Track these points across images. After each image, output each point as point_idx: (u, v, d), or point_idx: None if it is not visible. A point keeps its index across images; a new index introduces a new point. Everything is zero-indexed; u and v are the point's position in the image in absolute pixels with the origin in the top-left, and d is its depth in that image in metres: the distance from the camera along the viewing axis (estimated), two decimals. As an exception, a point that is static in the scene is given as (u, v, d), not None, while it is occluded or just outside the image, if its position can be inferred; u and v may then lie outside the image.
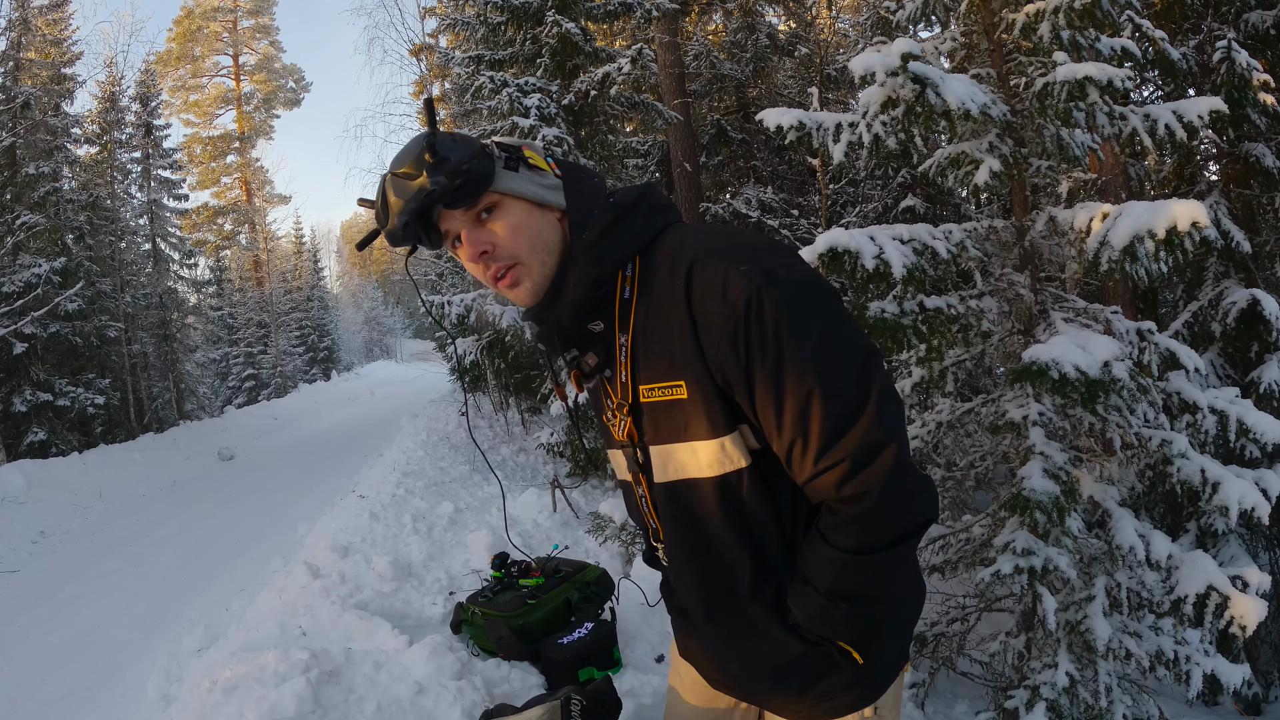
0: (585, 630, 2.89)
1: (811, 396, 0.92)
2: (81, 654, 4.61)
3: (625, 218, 1.05)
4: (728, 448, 0.99)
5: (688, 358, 0.98)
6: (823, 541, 0.99)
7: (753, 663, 1.12)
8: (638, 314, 1.03)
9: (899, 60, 2.68)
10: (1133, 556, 2.96)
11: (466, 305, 5.83)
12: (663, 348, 1.01)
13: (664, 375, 1.01)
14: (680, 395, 1.00)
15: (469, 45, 8.77)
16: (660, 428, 1.04)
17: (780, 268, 0.95)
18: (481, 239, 1.03)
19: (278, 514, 7.39)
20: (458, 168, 0.99)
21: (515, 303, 1.10)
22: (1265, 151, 5.02)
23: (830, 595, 0.99)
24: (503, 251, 1.03)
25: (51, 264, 11.26)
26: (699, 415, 0.99)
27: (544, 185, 1.07)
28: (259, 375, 21.80)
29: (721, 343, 0.94)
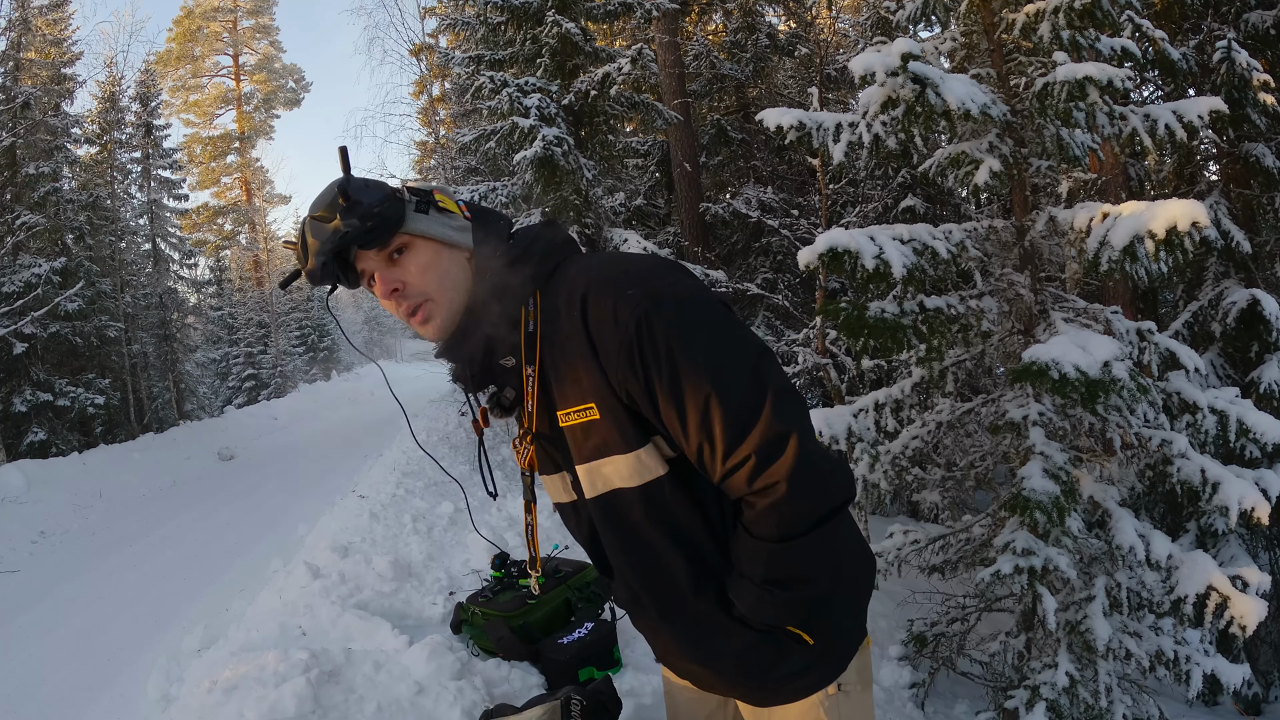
0: (585, 630, 2.89)
1: (709, 402, 0.97)
2: (81, 654, 4.61)
3: (524, 256, 1.11)
4: (643, 459, 1.05)
5: (593, 381, 1.04)
6: (747, 534, 1.04)
7: (711, 656, 1.17)
8: (543, 346, 1.09)
9: (899, 60, 2.69)
10: (1133, 556, 2.96)
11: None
12: (570, 374, 1.06)
13: (576, 400, 1.07)
14: (593, 416, 1.06)
15: (469, 45, 8.77)
16: (582, 447, 1.09)
17: (665, 288, 1.01)
18: (393, 277, 1.09)
19: (278, 514, 7.39)
20: (369, 211, 1.05)
21: (426, 338, 1.16)
22: (1265, 151, 5.02)
23: (764, 584, 1.04)
24: (413, 289, 1.09)
25: (51, 264, 11.26)
26: (612, 432, 1.05)
27: (453, 227, 1.13)
28: (259, 375, 21.79)
29: (620, 365, 1.00)
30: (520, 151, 5.58)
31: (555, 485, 1.24)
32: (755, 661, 1.14)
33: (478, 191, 6.45)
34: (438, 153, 12.94)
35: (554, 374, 1.09)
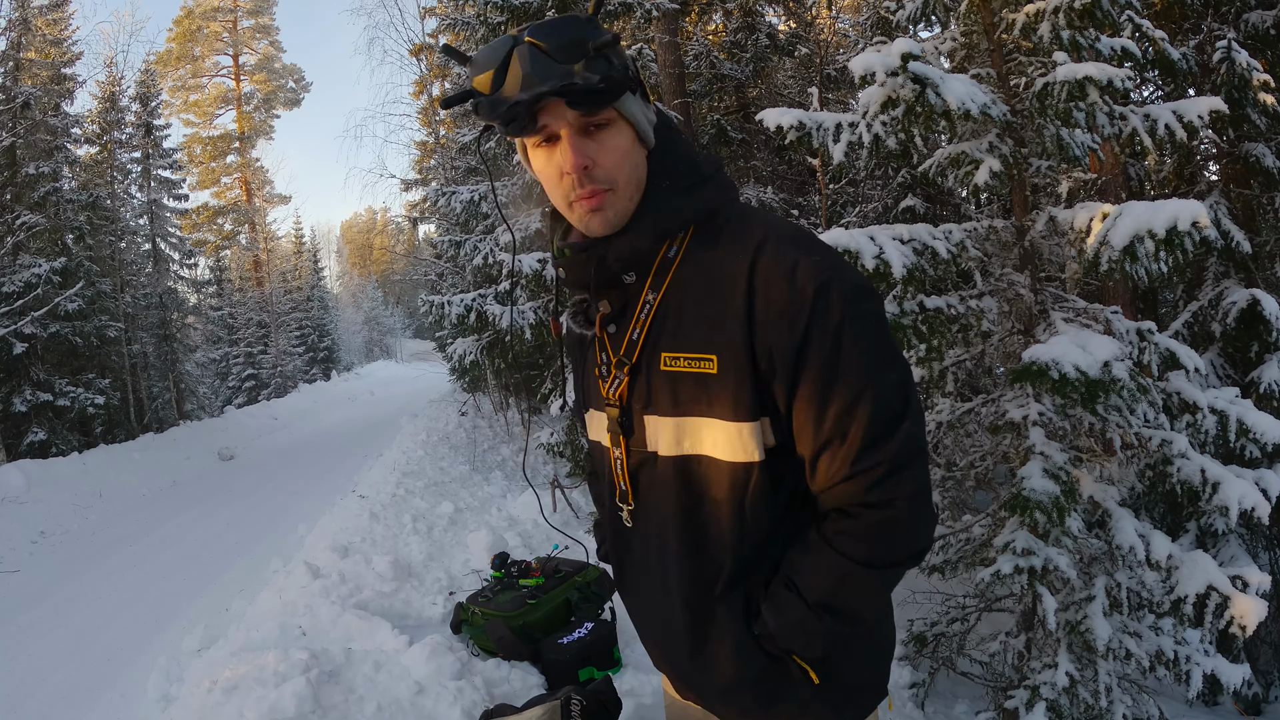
0: (585, 630, 2.89)
1: (861, 397, 0.91)
2: (81, 654, 4.61)
3: (707, 182, 1.02)
4: (744, 436, 0.95)
5: (730, 333, 0.94)
6: (828, 548, 0.96)
7: (708, 665, 1.07)
8: (677, 276, 1.00)
9: (899, 60, 2.68)
10: (1133, 556, 2.96)
11: (466, 305, 5.83)
12: (701, 317, 0.97)
13: (696, 346, 0.96)
14: (709, 369, 0.96)
15: (469, 45, 8.77)
16: (679, 398, 0.99)
17: (848, 266, 0.96)
18: (587, 151, 0.95)
19: (278, 514, 7.39)
20: (613, 72, 0.91)
21: (582, 228, 1.02)
22: (1265, 151, 5.02)
23: (817, 606, 0.96)
24: (603, 173, 0.97)
25: (51, 264, 11.26)
26: (725, 394, 0.95)
27: (649, 119, 1.02)
28: (259, 375, 21.79)
29: (779, 324, 0.91)
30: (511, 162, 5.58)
31: (597, 424, 1.12)
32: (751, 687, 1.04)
33: (478, 191, 6.45)
34: (438, 153, 12.94)
35: (677, 310, 0.99)
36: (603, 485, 1.16)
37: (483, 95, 0.94)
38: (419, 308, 7.82)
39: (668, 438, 1.01)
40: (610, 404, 1.06)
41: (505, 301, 5.95)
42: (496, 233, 6.35)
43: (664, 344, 1.00)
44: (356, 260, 46.74)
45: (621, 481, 1.08)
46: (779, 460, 0.98)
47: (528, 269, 5.43)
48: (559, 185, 0.98)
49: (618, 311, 1.04)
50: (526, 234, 6.04)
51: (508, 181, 6.56)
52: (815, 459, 0.96)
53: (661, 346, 1.00)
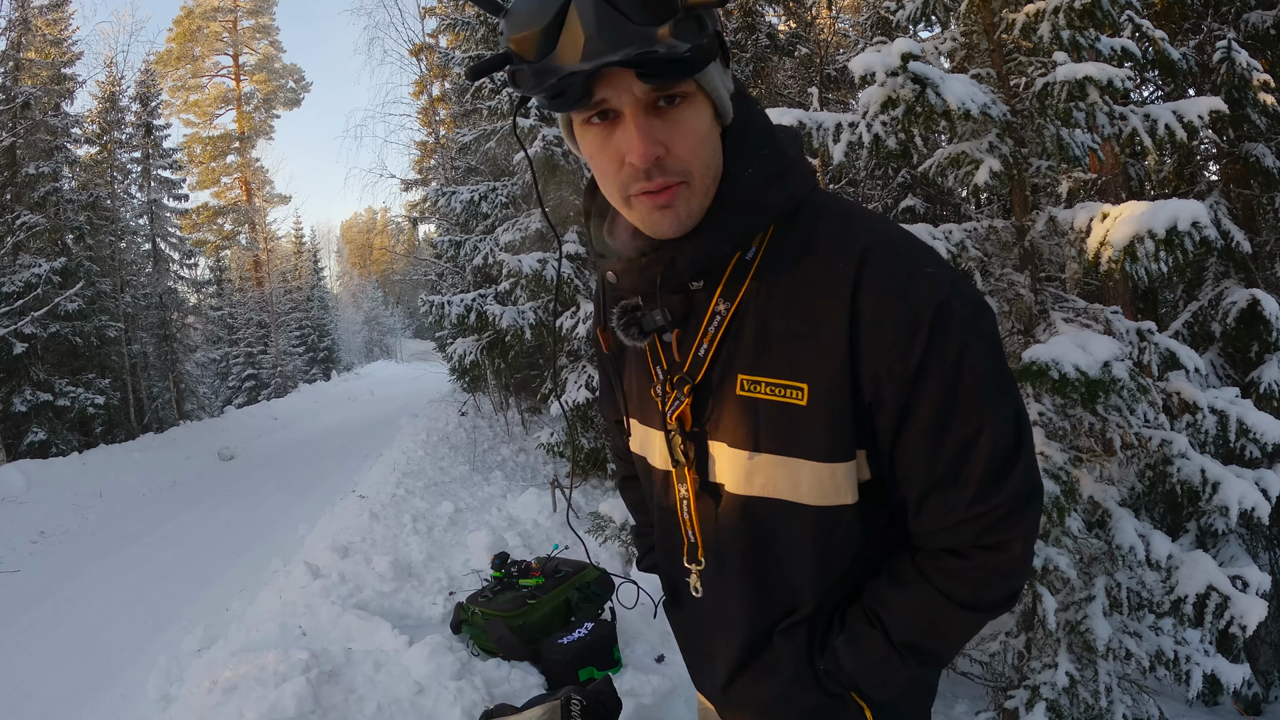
0: (585, 630, 2.89)
1: (979, 432, 0.78)
2: (81, 654, 4.61)
3: (792, 168, 0.83)
4: (838, 478, 0.82)
5: (827, 359, 0.78)
6: (927, 585, 0.84)
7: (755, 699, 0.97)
8: (755, 284, 0.82)
9: (899, 60, 2.69)
10: (1133, 556, 2.96)
11: (466, 305, 5.83)
12: (789, 336, 0.80)
13: (782, 371, 0.81)
14: (797, 400, 0.80)
15: (469, 45, 8.77)
16: (759, 430, 0.83)
17: (964, 281, 0.80)
18: (657, 135, 0.74)
19: (278, 514, 7.39)
20: (704, 38, 0.70)
21: (647, 228, 0.81)
22: (1265, 151, 5.02)
23: (903, 647, 0.86)
24: (677, 163, 0.76)
25: (51, 264, 11.26)
26: (816, 430, 0.80)
27: (728, 89, 0.81)
28: (259, 375, 21.80)
29: (892, 351, 0.76)
30: (520, 151, 5.58)
31: (650, 442, 0.96)
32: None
33: (478, 191, 6.45)
34: (438, 153, 12.94)
35: (757, 325, 0.82)
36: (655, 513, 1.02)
37: (525, 61, 0.71)
38: (419, 308, 7.81)
39: (737, 473, 0.86)
40: (671, 429, 0.89)
41: (505, 301, 5.96)
42: (497, 233, 6.35)
43: (740, 363, 0.83)
44: (356, 260, 46.74)
45: (690, 531, 0.92)
46: (870, 495, 0.85)
47: (527, 269, 5.43)
48: (615, 175, 0.77)
49: (678, 320, 0.87)
50: (527, 234, 6.04)
51: (508, 181, 6.56)
52: (923, 500, 0.83)
53: (737, 367, 0.83)
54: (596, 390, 5.64)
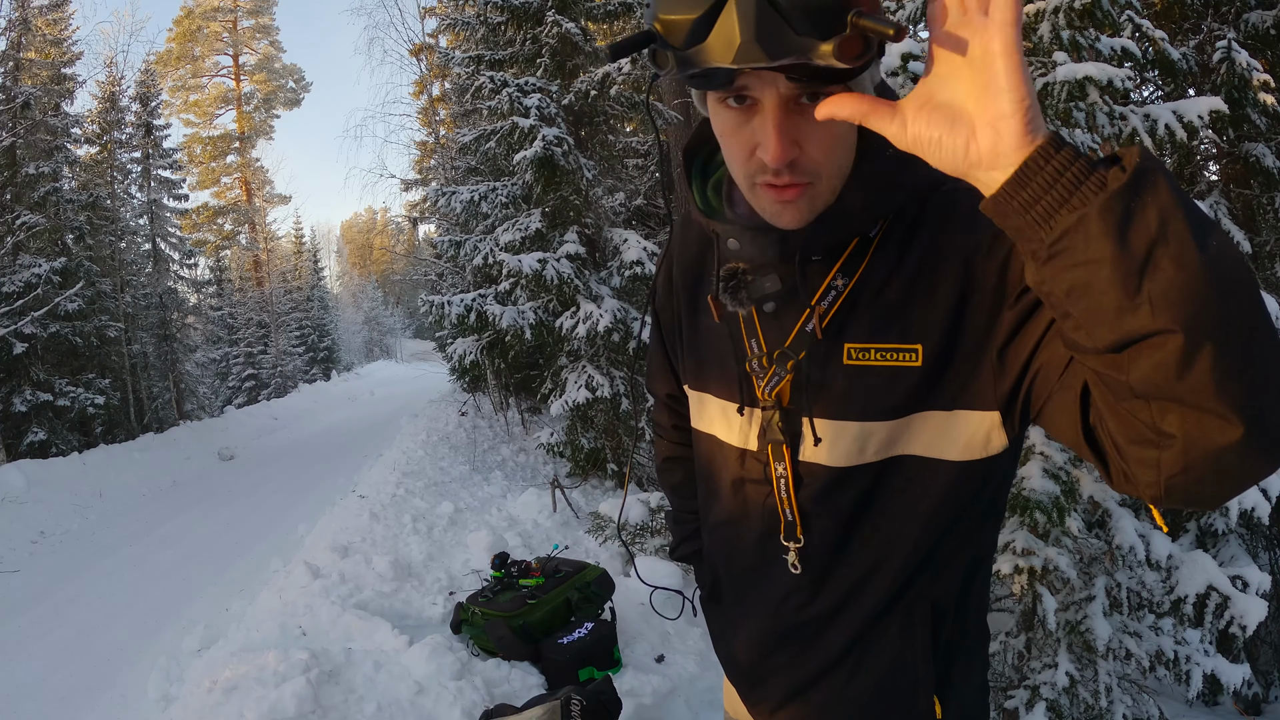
0: (585, 630, 2.89)
1: None
2: (81, 654, 4.61)
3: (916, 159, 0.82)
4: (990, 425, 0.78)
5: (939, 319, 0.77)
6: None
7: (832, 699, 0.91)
8: (876, 259, 0.81)
9: (899, 60, 2.69)
10: (1133, 556, 2.97)
11: (466, 305, 5.83)
12: (902, 304, 0.79)
13: (894, 337, 0.79)
14: (911, 362, 0.78)
15: (469, 45, 8.77)
16: (866, 397, 0.81)
17: None
18: (794, 133, 0.71)
19: (278, 514, 7.39)
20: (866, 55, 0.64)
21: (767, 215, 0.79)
22: (1265, 151, 5.02)
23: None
24: (810, 164, 0.74)
25: (51, 264, 11.26)
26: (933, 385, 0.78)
27: (874, 80, 0.78)
28: (259, 375, 21.80)
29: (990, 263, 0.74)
30: (520, 151, 5.58)
31: (727, 420, 0.93)
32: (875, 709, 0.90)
33: (478, 191, 6.45)
34: (438, 153, 12.95)
35: (872, 296, 0.81)
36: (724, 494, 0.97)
37: (671, 45, 0.67)
38: (419, 308, 7.81)
39: (847, 445, 0.83)
40: (767, 405, 0.87)
41: (505, 301, 5.95)
42: (497, 233, 6.35)
43: (849, 334, 0.81)
44: (356, 260, 46.76)
45: (788, 509, 0.88)
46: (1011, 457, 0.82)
47: (527, 269, 5.43)
48: (744, 162, 0.75)
49: (786, 291, 0.84)
50: (527, 234, 6.04)
51: (508, 181, 6.56)
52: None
53: (846, 337, 0.82)
54: (609, 384, 5.68)
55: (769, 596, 0.94)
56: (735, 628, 1.00)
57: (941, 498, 0.82)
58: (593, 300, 5.60)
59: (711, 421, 0.96)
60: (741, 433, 0.91)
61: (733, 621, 1.00)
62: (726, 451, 0.94)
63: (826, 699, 0.92)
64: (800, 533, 0.88)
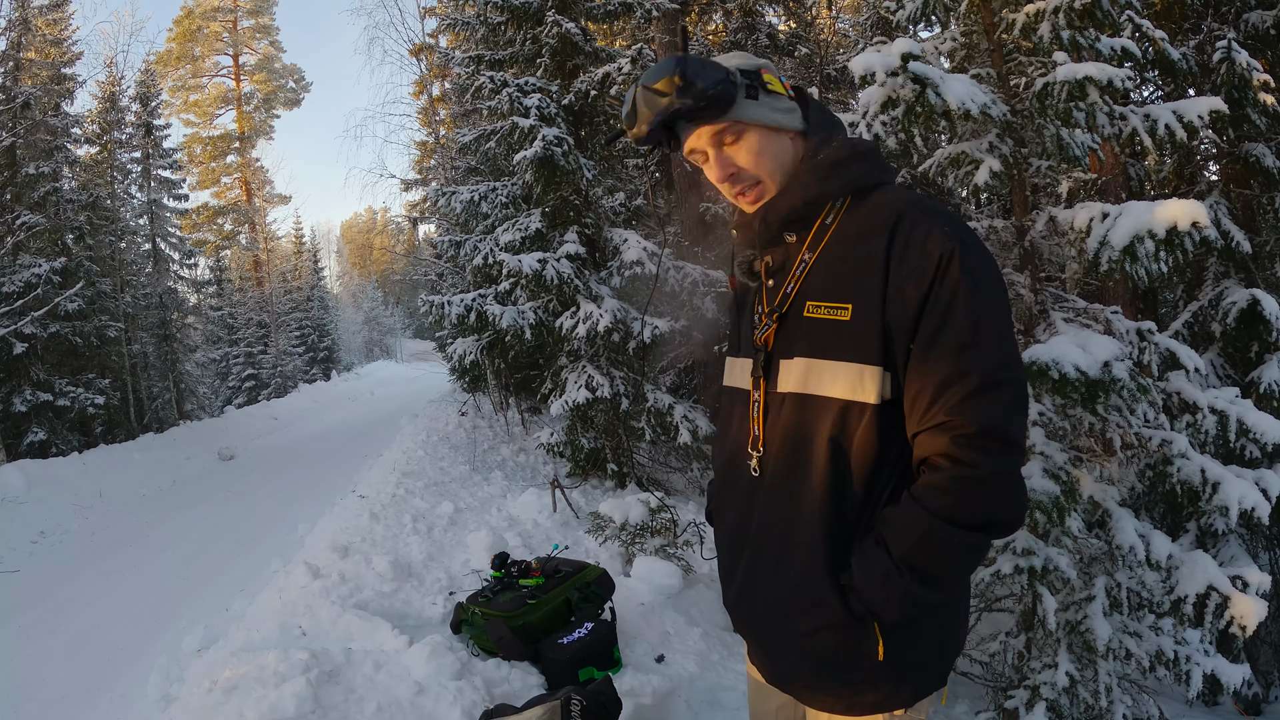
0: (585, 630, 2.89)
1: (961, 353, 1.01)
2: (81, 654, 4.61)
3: (861, 158, 1.17)
4: (865, 378, 1.06)
5: (866, 288, 1.07)
6: (914, 502, 1.04)
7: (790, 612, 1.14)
8: (831, 239, 1.15)
9: (899, 60, 2.69)
10: (1133, 556, 2.96)
11: (466, 305, 5.83)
12: (844, 273, 1.11)
13: (834, 296, 1.11)
14: (843, 317, 1.09)
15: (469, 45, 8.77)
16: (813, 341, 1.11)
17: (974, 244, 1.07)
18: (727, 162, 1.16)
19: (278, 514, 7.39)
20: (702, 93, 1.10)
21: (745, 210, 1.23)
22: (1265, 151, 5.02)
23: (900, 561, 1.03)
24: (747, 175, 1.16)
25: (51, 264, 11.26)
26: (853, 339, 1.07)
27: (780, 110, 1.17)
28: (259, 375, 21.80)
29: (907, 282, 1.04)
30: (520, 151, 5.58)
31: (740, 369, 1.26)
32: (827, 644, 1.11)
33: (478, 191, 6.45)
34: (438, 153, 12.95)
35: (826, 266, 1.14)
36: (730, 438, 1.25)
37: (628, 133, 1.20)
38: (419, 308, 7.81)
39: (796, 377, 1.13)
40: (757, 348, 1.20)
41: (505, 301, 5.95)
42: (497, 233, 6.35)
43: (810, 294, 1.14)
44: (356, 260, 46.75)
45: (755, 425, 1.18)
46: (888, 413, 1.07)
47: (527, 269, 5.42)
48: (721, 188, 1.20)
49: (778, 267, 1.20)
50: (527, 234, 6.04)
51: (508, 181, 6.56)
52: (915, 399, 1.04)
53: (807, 296, 1.14)
54: (609, 384, 5.68)
55: (736, 494, 1.23)
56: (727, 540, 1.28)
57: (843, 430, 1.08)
58: (593, 300, 5.60)
59: (733, 376, 1.28)
60: (742, 376, 1.23)
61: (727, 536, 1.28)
62: (735, 395, 1.26)
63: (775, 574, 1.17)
64: (761, 445, 1.18)
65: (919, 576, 1.03)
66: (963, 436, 1.00)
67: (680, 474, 6.64)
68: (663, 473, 6.58)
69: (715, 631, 3.63)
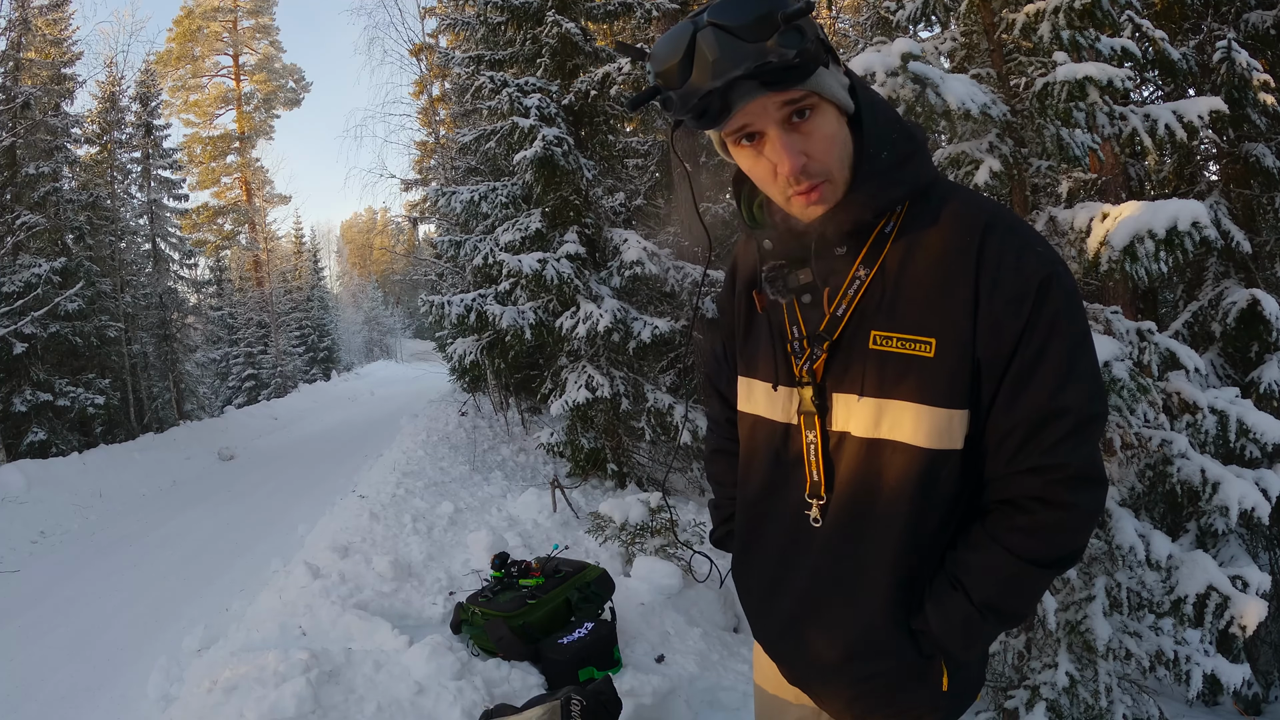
0: (585, 630, 2.89)
1: (1061, 390, 0.91)
2: (81, 654, 4.61)
3: (921, 153, 0.98)
4: (953, 424, 0.93)
5: (952, 316, 0.92)
6: (995, 545, 0.95)
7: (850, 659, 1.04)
8: (893, 254, 0.96)
9: (899, 60, 2.69)
10: (1133, 556, 2.96)
11: (466, 305, 5.83)
12: (919, 297, 0.93)
13: (910, 327, 0.93)
14: (925, 353, 0.93)
15: (469, 45, 8.77)
16: (884, 379, 0.95)
17: (1062, 261, 0.95)
18: (798, 146, 0.90)
19: (278, 514, 7.39)
20: (807, 46, 0.84)
21: (805, 218, 0.97)
22: (1265, 151, 5.02)
23: (983, 606, 0.96)
24: (819, 166, 0.92)
25: (51, 264, 11.26)
26: (940, 380, 0.92)
27: (843, 85, 0.95)
28: (259, 375, 21.80)
29: (1005, 310, 0.90)
30: (520, 151, 5.58)
31: (770, 398, 1.07)
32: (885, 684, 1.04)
33: (478, 191, 6.45)
34: (438, 153, 12.94)
35: (892, 287, 0.95)
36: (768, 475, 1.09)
37: (669, 89, 0.87)
38: (419, 308, 7.81)
39: (864, 419, 0.97)
40: (804, 381, 1.01)
41: (505, 301, 5.95)
42: (497, 233, 6.35)
43: (875, 321, 0.96)
44: (356, 260, 46.74)
45: (814, 470, 1.02)
46: (969, 453, 0.96)
47: (527, 269, 5.42)
48: (773, 182, 0.94)
49: (819, 282, 1.00)
50: (527, 234, 6.04)
51: (508, 181, 6.56)
52: (1005, 439, 0.94)
53: (871, 324, 0.96)
54: (609, 384, 5.67)
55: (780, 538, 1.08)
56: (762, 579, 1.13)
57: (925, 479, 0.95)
58: (593, 300, 5.60)
59: (756, 402, 1.10)
60: (784, 410, 1.05)
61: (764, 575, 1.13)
62: (767, 427, 1.08)
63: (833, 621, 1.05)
64: (824, 491, 1.02)
65: (1000, 617, 0.97)
66: (1059, 480, 0.92)
67: (680, 474, 6.65)
68: (663, 472, 6.58)
69: (715, 631, 3.63)
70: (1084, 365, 0.93)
